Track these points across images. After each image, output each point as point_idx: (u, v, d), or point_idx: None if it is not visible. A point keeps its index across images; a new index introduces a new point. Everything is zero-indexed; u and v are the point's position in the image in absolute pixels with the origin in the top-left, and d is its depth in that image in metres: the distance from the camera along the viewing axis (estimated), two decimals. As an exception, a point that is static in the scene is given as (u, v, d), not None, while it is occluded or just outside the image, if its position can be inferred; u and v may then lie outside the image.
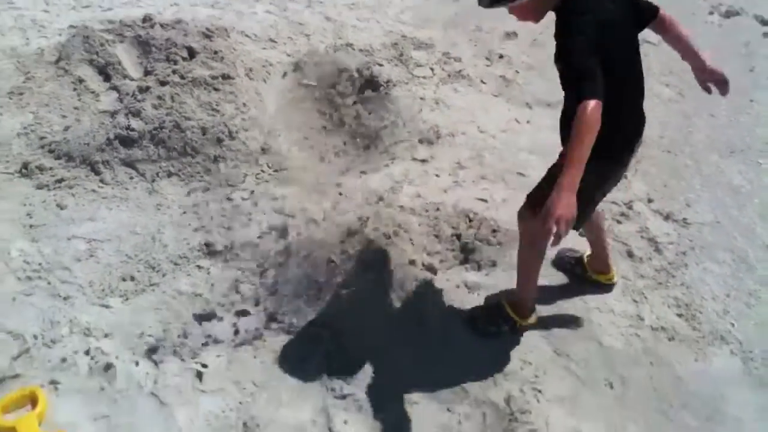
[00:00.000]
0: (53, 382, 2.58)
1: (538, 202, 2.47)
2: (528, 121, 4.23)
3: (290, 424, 2.53)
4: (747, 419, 2.63)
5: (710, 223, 3.53)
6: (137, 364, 2.69)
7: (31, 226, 3.30)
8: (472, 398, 2.65)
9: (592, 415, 2.61)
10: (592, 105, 2.00)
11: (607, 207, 3.56)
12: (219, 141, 3.73)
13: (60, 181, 3.58)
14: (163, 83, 3.94)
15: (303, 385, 2.68)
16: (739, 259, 3.31)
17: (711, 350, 2.88)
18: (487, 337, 2.85)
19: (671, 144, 4.09)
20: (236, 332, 2.88)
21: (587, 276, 3.12)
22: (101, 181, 3.62)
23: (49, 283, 2.99)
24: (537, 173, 3.55)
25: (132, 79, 4.17)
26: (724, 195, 3.73)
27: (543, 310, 3.00)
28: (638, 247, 3.36)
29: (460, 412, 2.61)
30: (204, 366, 2.71)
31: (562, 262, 3.23)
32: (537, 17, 2.35)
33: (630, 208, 3.59)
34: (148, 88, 3.89)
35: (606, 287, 3.12)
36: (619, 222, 3.51)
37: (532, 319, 2.88)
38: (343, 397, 2.63)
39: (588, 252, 3.15)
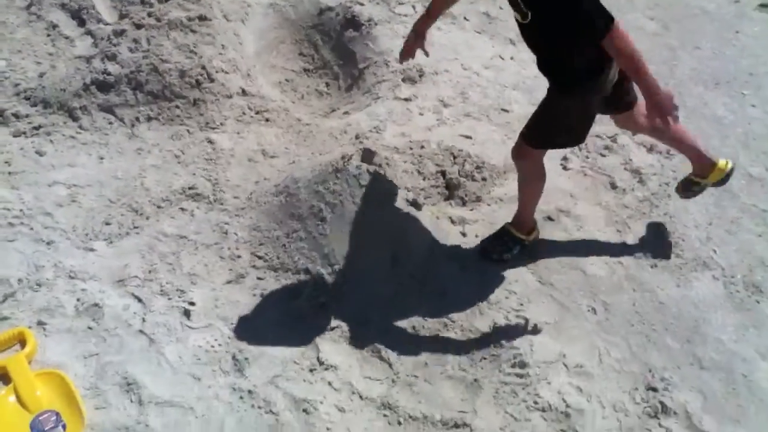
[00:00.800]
0: (41, 323, 2.58)
1: (534, 136, 2.56)
2: (512, 57, 4.19)
3: (279, 356, 2.56)
4: (727, 340, 2.69)
5: (693, 153, 3.53)
6: (124, 303, 2.69)
7: (9, 173, 3.25)
8: (457, 327, 2.69)
9: (576, 339, 2.66)
10: (621, 29, 2.12)
11: (591, 141, 3.56)
12: (198, 84, 3.66)
13: (37, 128, 3.52)
14: (138, 26, 3.84)
15: (291, 319, 2.70)
16: (721, 188, 3.32)
17: (693, 276, 2.92)
18: (503, 262, 2.91)
19: (656, 76, 4.05)
20: (222, 271, 2.88)
21: (702, 184, 3.00)
22: (80, 127, 3.56)
23: (31, 229, 2.97)
24: (521, 109, 3.57)
25: (107, 24, 4.05)
26: (708, 126, 3.73)
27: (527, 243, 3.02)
28: (621, 178, 3.37)
29: (446, 340, 2.65)
30: (191, 304, 2.71)
31: None
32: None
33: (614, 141, 3.58)
34: (123, 32, 3.80)
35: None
36: (603, 155, 3.51)
37: (535, 234, 2.98)
38: (331, 329, 2.66)
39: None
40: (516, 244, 2.93)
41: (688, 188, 3.02)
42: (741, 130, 3.70)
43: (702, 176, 2.94)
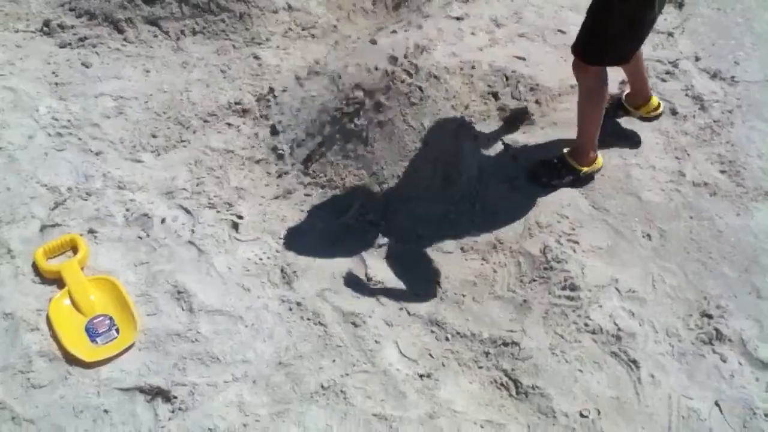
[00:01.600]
0: (91, 231, 2.60)
1: (589, 50, 2.50)
2: (568, -23, 3.99)
3: (327, 270, 2.55)
4: (787, 270, 2.60)
5: (760, 81, 3.36)
6: (173, 215, 2.69)
7: (56, 84, 3.24)
8: (507, 248, 2.64)
9: (630, 264, 2.59)
10: None
11: (651, 65, 3.40)
12: (244, -3, 3.57)
13: (83, 39, 3.48)
14: (183, -62, 3.73)
15: (339, 235, 2.68)
16: (784, 117, 3.17)
17: (754, 205, 2.80)
18: (550, 188, 2.83)
19: (721, 0, 3.84)
20: (270, 186, 2.86)
21: (632, 114, 3.07)
22: (125, 39, 3.52)
23: (79, 139, 2.96)
24: (577, 30, 3.38)
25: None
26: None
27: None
28: (682, 105, 3.22)
29: (495, 261, 2.61)
30: (239, 217, 2.71)
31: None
32: None
33: (675, 66, 3.41)
34: (168, -56, 3.70)
35: (652, 119, 3.08)
36: (663, 80, 3.35)
37: (597, 165, 2.86)
38: (379, 246, 2.63)
39: (626, 91, 3.09)
40: (570, 174, 2.83)
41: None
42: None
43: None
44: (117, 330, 2.31)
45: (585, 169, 2.82)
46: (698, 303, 2.48)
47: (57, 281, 2.44)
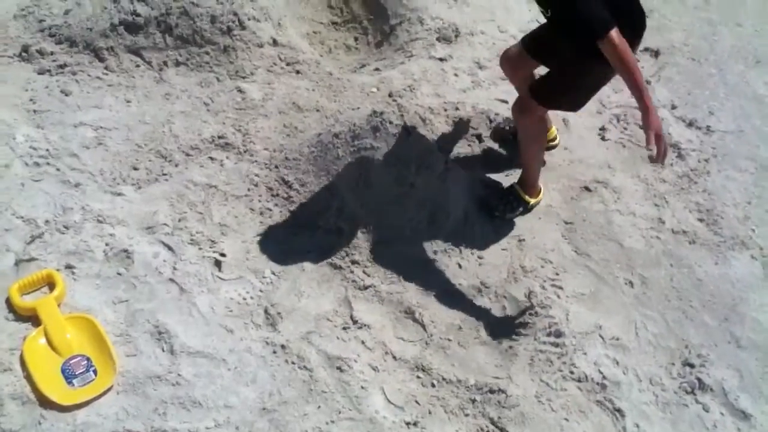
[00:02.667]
0: (69, 267, 2.53)
1: (551, 97, 2.62)
2: (549, 23, 4.08)
3: (312, 312, 2.51)
4: (764, 320, 2.66)
5: (733, 131, 3.46)
6: (154, 251, 2.63)
7: (35, 111, 3.16)
8: (492, 292, 2.65)
9: (613, 311, 2.62)
10: (615, 34, 2.17)
11: (630, 112, 3.48)
12: (229, 30, 3.54)
13: (63, 66, 3.41)
14: (167, -33, 3.71)
15: (324, 275, 2.65)
16: (761, 167, 3.27)
17: (731, 254, 2.87)
18: (504, 220, 2.89)
19: (696, 51, 3.96)
20: (253, 222, 2.82)
21: None
22: (106, 68, 3.46)
23: (58, 170, 2.89)
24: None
25: (134, -36, 3.93)
26: (748, 104, 3.65)
27: (563, 213, 2.97)
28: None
29: (480, 305, 2.61)
30: (222, 255, 2.66)
31: (502, 133, 3.24)
32: None
33: (653, 113, 3.49)
34: (152, -28, 3.67)
35: (550, 149, 3.20)
36: (641, 127, 3.40)
37: (540, 196, 2.98)
38: (365, 288, 2.61)
39: None
40: (520, 205, 2.92)
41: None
42: (782, 110, 3.62)
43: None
44: (95, 371, 2.23)
45: (532, 201, 2.93)
46: (680, 351, 2.51)
47: (32, 318, 2.36)
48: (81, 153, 2.99)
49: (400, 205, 2.74)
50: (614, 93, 3.65)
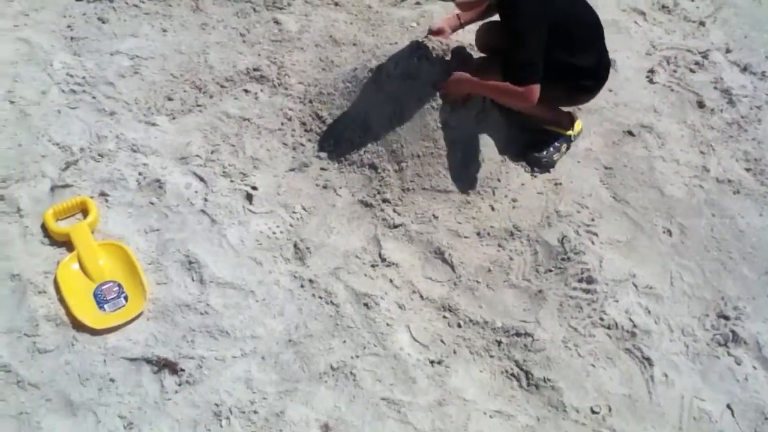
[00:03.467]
0: (103, 194, 2.55)
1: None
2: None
3: (340, 249, 2.50)
4: (808, 275, 2.56)
5: (790, 77, 3.28)
6: (186, 182, 2.64)
7: (72, 38, 3.16)
8: (524, 236, 2.60)
9: (648, 260, 2.55)
10: (534, 90, 2.44)
11: (681, 55, 3.32)
12: (267, -41, 3.46)
13: (100, -7, 3.39)
14: None
15: (354, 212, 2.63)
16: (816, 116, 3.10)
17: (777, 206, 2.75)
18: (552, 163, 2.82)
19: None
20: (286, 157, 2.80)
21: None
22: (143, -5, 3.43)
23: (93, 98, 2.90)
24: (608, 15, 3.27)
25: None
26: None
27: (604, 157, 2.87)
28: (710, 98, 3.15)
29: (511, 248, 2.56)
30: (254, 188, 2.65)
31: None
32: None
33: (705, 57, 3.33)
34: None
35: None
36: (692, 71, 3.27)
37: (578, 126, 2.90)
38: (395, 226, 2.58)
39: None
40: (561, 141, 2.84)
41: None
42: None
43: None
44: (126, 298, 2.27)
45: (574, 131, 2.88)
46: (715, 303, 2.44)
47: (66, 244, 2.40)
48: (117, 81, 2.99)
49: (435, 144, 2.67)
50: (666, 34, 3.49)
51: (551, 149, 2.79)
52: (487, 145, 2.75)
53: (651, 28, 3.50)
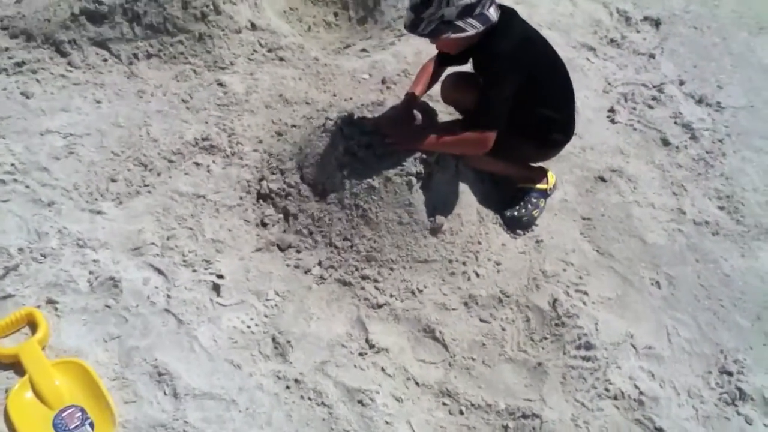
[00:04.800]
0: (51, 302, 2.27)
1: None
2: (544, -7, 3.84)
3: (324, 338, 2.30)
4: (796, 317, 2.54)
5: (744, 106, 3.31)
6: (144, 277, 2.38)
7: (-6, 118, 2.84)
8: (513, 302, 2.47)
9: (642, 317, 2.47)
10: (490, 137, 2.36)
11: (638, 91, 3.30)
12: (203, 16, 3.23)
13: (20, 64, 3.08)
14: (128, -54, 3.34)
15: (333, 293, 2.44)
16: (779, 147, 3.13)
17: (756, 245, 2.73)
18: (532, 221, 2.72)
19: (697, 19, 3.78)
20: (250, 236, 2.58)
21: None
22: (69, 64, 3.13)
23: (27, 187, 2.60)
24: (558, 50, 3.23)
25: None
26: (756, 76, 3.49)
27: (580, 207, 2.79)
28: (673, 134, 3.12)
29: (502, 317, 2.43)
30: (220, 276, 2.42)
31: None
32: (456, 50, 2.47)
33: (661, 91, 3.32)
34: (112, -47, 3.31)
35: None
36: (650, 107, 3.25)
37: (552, 179, 2.81)
38: (378, 306, 2.41)
39: None
40: (539, 196, 2.75)
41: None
42: (791, 81, 3.47)
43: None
44: (91, 424, 2.00)
45: (550, 185, 2.79)
46: (716, 358, 2.38)
47: (14, 365, 2.10)
48: (51, 166, 2.70)
49: (409, 211, 2.51)
50: (619, 69, 3.46)
51: (529, 206, 2.69)
52: (463, 206, 2.62)
53: (604, 64, 3.47)
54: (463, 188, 2.62)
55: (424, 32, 2.28)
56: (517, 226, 2.68)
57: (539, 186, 2.73)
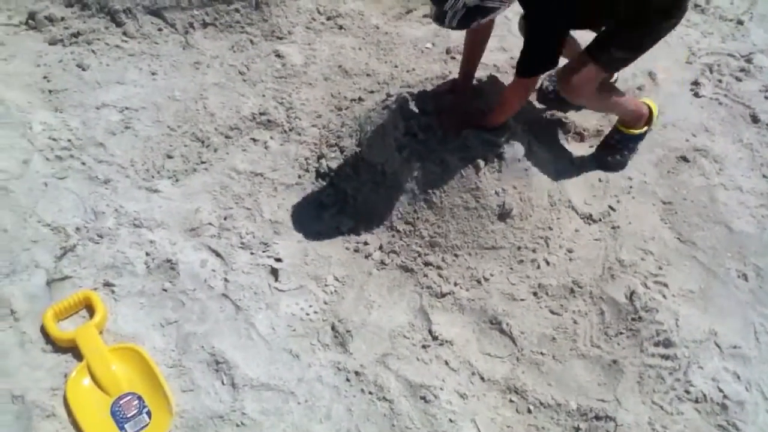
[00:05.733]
0: (107, 285, 2.23)
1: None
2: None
3: (385, 328, 2.20)
4: None
5: None
6: (201, 259, 2.32)
7: (50, 91, 2.80)
8: (586, 293, 2.32)
9: (727, 312, 2.28)
10: (527, 84, 2.26)
11: (724, 61, 3.03)
12: (260, -18, 3.10)
13: (76, 35, 3.02)
14: None
15: (394, 280, 2.33)
16: None
17: None
18: (624, 164, 2.65)
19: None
20: (308, 218, 2.49)
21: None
22: (124, 33, 3.06)
23: (83, 164, 2.55)
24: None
25: None
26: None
27: (660, 190, 2.59)
28: (763, 110, 2.87)
29: (574, 309, 2.28)
30: (278, 260, 2.34)
31: (544, 94, 2.86)
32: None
33: (750, 61, 3.04)
34: None
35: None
36: (738, 79, 2.98)
37: (655, 111, 2.63)
38: (442, 295, 2.29)
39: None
40: (634, 141, 2.62)
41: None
42: None
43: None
44: (149, 413, 1.97)
45: (648, 128, 2.63)
46: (809, 360, 2.19)
47: (72, 349, 2.08)
48: (107, 141, 2.65)
49: (476, 196, 2.36)
50: (703, 37, 3.19)
51: (625, 152, 2.63)
52: (534, 189, 2.45)
53: (686, 32, 3.20)
54: (534, 170, 2.45)
55: (452, 25, 2.05)
56: (610, 169, 2.63)
57: (639, 131, 2.58)
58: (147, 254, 2.32)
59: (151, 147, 2.65)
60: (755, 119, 2.83)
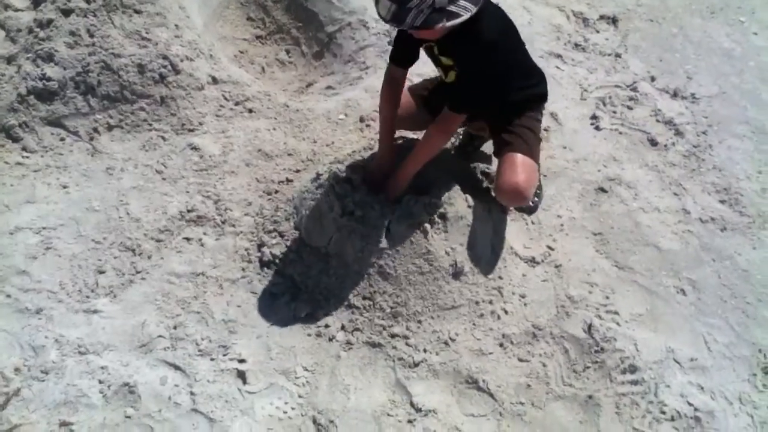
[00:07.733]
0: (65, 424, 2.06)
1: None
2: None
3: (367, 410, 2.17)
4: (819, 301, 2.56)
5: (717, 95, 3.33)
6: (160, 376, 2.20)
7: (-47, 223, 2.59)
8: (547, 335, 2.40)
9: (676, 328, 2.43)
10: (455, 122, 2.26)
11: (614, 93, 3.28)
12: (162, 78, 3.03)
13: (-30, 157, 2.82)
14: (66, 12, 3.11)
15: (364, 358, 2.31)
16: (757, 130, 3.16)
17: (764, 234, 2.74)
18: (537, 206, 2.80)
19: (651, 12, 3.81)
20: (262, 311, 2.42)
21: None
22: (24, 149, 2.90)
23: (8, 296, 2.37)
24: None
25: (17, 10, 3.29)
26: (719, 61, 3.53)
27: (589, 223, 2.74)
28: (658, 133, 3.12)
29: (540, 353, 2.35)
30: (242, 361, 2.26)
31: (463, 148, 2.98)
32: (440, 35, 2.11)
33: (635, 90, 3.31)
34: (50, 22, 3.07)
35: None
36: (630, 108, 3.23)
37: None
38: (415, 364, 2.29)
39: None
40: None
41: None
42: (753, 63, 3.52)
43: None
44: None
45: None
46: (756, 358, 2.36)
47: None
48: (30, 267, 2.47)
49: (429, 259, 2.40)
50: (590, 73, 3.44)
51: (536, 199, 2.79)
52: (478, 241, 2.52)
53: (574, 70, 3.44)
54: (476, 224, 2.52)
55: (415, 24, 1.94)
56: (530, 212, 2.78)
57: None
58: (101, 382, 2.17)
59: (79, 265, 2.50)
60: (653, 142, 3.07)
